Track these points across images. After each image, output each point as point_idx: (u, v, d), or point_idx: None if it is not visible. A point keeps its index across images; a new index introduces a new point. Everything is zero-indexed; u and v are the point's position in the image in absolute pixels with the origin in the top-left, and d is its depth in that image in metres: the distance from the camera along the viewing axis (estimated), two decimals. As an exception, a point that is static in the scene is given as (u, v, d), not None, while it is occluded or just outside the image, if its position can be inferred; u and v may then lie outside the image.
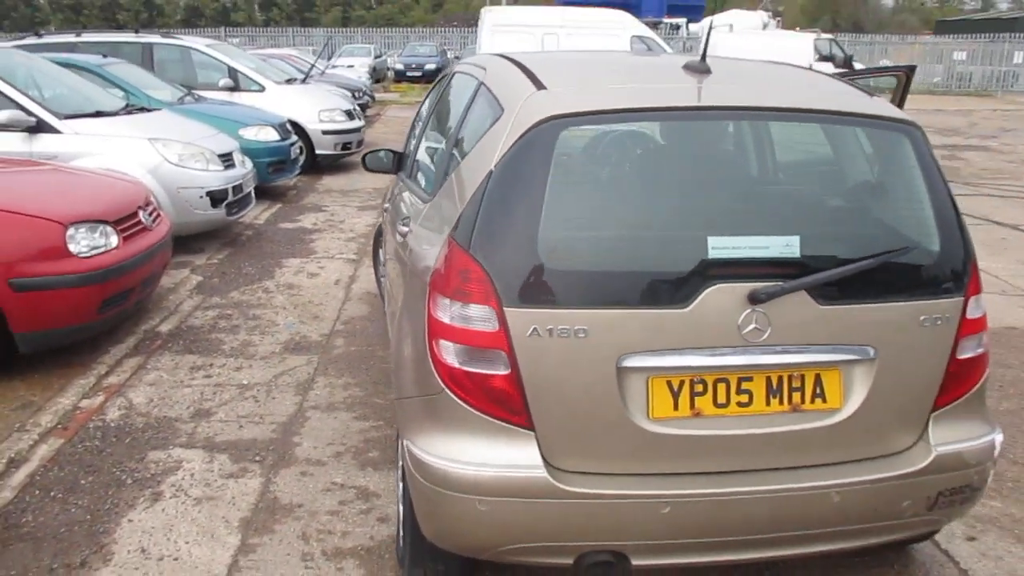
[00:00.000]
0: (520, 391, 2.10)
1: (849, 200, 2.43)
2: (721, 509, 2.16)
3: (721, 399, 2.16)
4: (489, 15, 19.47)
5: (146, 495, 3.15)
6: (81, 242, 4.07)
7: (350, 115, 10.88)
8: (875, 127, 2.33)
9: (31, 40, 10.22)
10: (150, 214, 4.82)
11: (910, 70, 4.12)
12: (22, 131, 5.77)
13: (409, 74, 29.60)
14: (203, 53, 10.40)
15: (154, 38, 10.55)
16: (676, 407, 2.14)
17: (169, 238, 4.96)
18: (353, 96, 14.04)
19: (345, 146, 10.72)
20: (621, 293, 2.09)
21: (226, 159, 6.69)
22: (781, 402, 2.18)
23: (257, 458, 3.44)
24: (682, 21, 34.34)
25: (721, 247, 2.11)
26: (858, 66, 26.39)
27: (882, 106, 2.37)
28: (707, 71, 2.41)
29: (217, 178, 6.41)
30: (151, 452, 3.47)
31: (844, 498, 2.20)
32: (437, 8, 49.55)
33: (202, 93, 9.63)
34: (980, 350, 2.33)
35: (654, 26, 34.60)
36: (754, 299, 2.08)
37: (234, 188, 6.56)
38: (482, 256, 2.09)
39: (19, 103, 5.81)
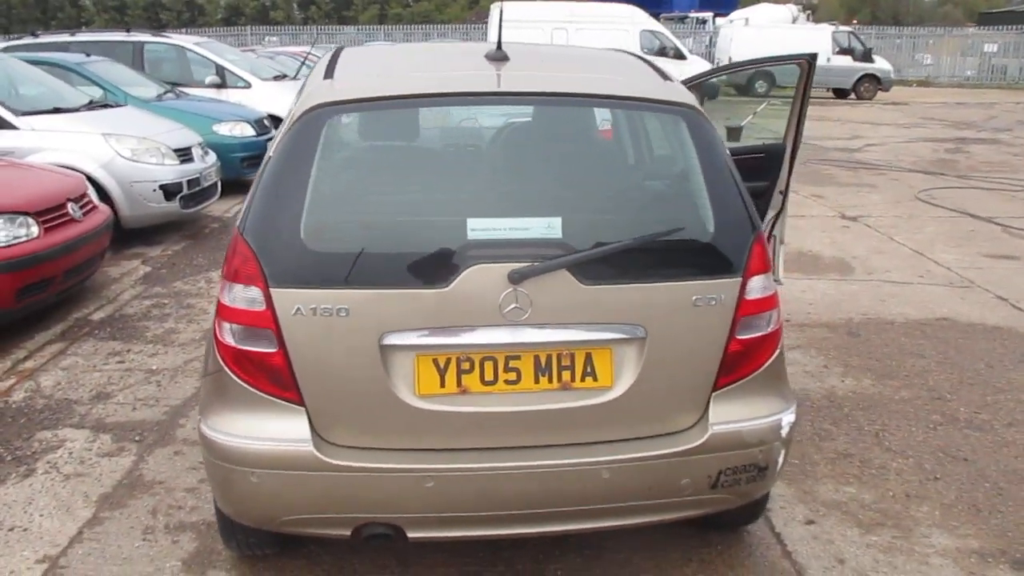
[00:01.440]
0: (289, 368, 2.17)
1: (624, 182, 2.47)
2: (490, 484, 2.22)
3: (488, 377, 2.21)
4: (499, 11, 19.54)
5: (20, 471, 3.29)
6: (-1, 232, 4.24)
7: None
8: (652, 110, 2.37)
9: (28, 40, 10.55)
10: (82, 207, 4.98)
11: (811, 58, 4.11)
12: (-23, 128, 6.00)
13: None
14: (192, 51, 10.63)
15: (145, 37, 10.81)
16: (443, 384, 2.20)
17: (103, 229, 5.12)
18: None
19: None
20: (382, 274, 2.16)
21: (184, 154, 6.85)
22: (551, 380, 2.23)
23: (137, 438, 3.56)
24: (708, 16, 34.13)
25: (480, 228, 2.16)
26: (879, 60, 26.07)
27: (663, 90, 2.40)
28: (504, 59, 2.46)
29: (171, 172, 6.58)
30: (40, 432, 3.62)
31: (615, 475, 2.24)
32: (474, 4, 49.73)
33: (190, 90, 9.85)
34: (766, 330, 2.35)
35: (680, 20, 34.47)
36: (512, 279, 2.12)
37: (189, 182, 6.72)
38: (251, 238, 2.17)
39: (-26, 101, 6.04)
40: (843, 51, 24.19)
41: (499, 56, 2.47)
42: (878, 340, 4.81)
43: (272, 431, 2.20)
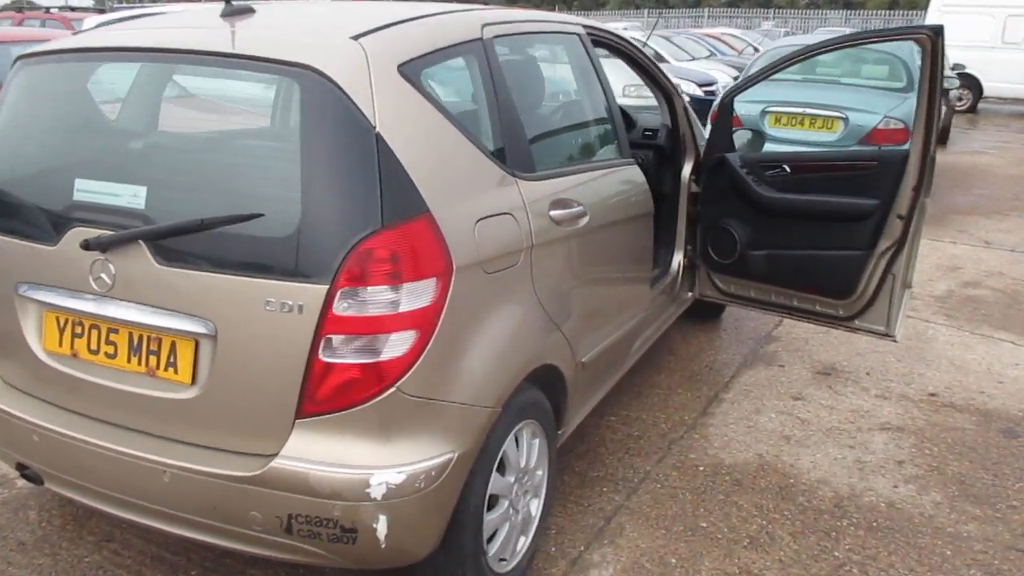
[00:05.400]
0: None
1: (234, 155, 2.07)
2: (79, 454, 2.13)
3: (94, 345, 2.12)
4: (939, -8, 16.98)
5: None
6: None
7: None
8: (271, 72, 1.96)
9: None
10: None
11: (935, 32, 3.04)
12: None
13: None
14: None
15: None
16: (60, 343, 2.17)
17: None
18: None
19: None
20: (16, 224, 2.19)
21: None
22: (140, 363, 2.06)
23: None
24: None
25: (85, 190, 2.07)
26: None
27: (302, 44, 1.96)
28: (243, 12, 2.24)
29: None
30: None
31: (175, 482, 2.00)
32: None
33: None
34: (369, 359, 1.85)
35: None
36: (85, 246, 2.00)
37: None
38: None
39: None
40: None
41: (236, 10, 2.25)
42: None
43: None
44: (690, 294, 4.04)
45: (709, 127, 3.98)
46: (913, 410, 3.59)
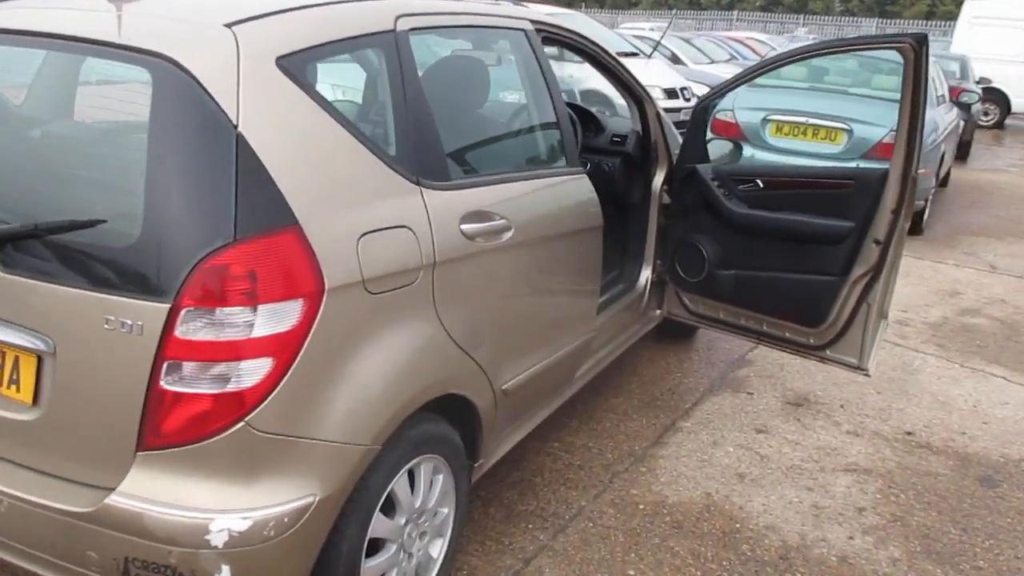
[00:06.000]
0: None
1: (80, 154, 1.87)
2: None
3: None
4: (970, 5, 16.54)
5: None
6: None
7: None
8: (126, 60, 1.75)
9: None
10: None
11: (918, 40, 2.79)
12: None
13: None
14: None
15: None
16: None
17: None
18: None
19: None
20: None
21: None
22: (-13, 376, 1.86)
23: None
24: None
25: None
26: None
27: (148, 34, 1.75)
28: None
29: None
30: None
31: (11, 512, 1.79)
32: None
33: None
34: (216, 389, 1.64)
35: None
36: None
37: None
38: None
39: None
40: None
41: None
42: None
43: None
44: (658, 312, 3.81)
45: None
46: (885, 450, 3.33)
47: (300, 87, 1.83)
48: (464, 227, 2.16)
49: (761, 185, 3.32)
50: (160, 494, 1.68)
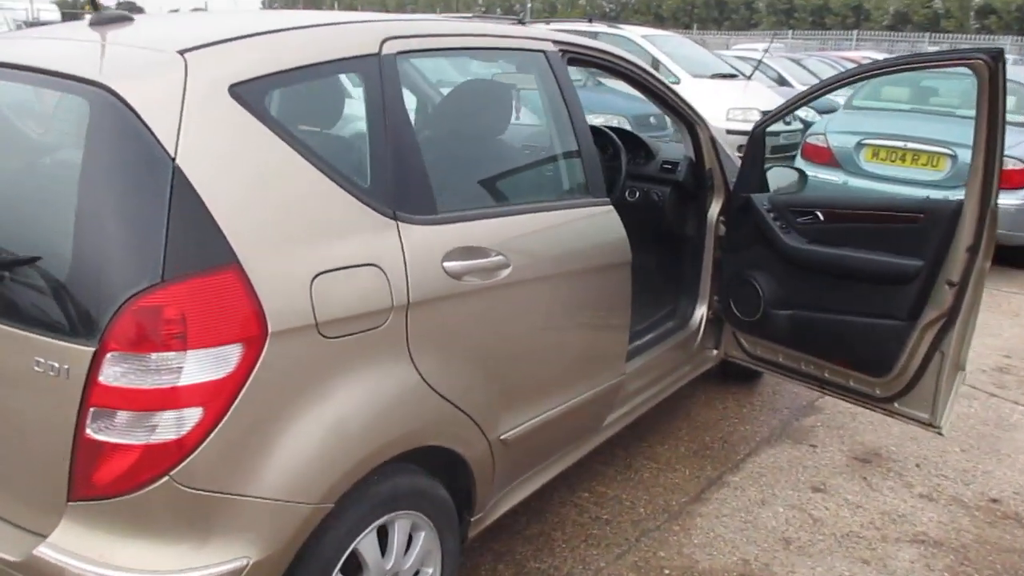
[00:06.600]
0: None
1: (24, 186, 1.79)
2: None
3: None
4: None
5: None
6: None
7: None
8: (68, 90, 1.67)
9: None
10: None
11: (993, 56, 2.51)
12: None
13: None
14: (635, 43, 10.77)
15: (600, 27, 11.25)
16: None
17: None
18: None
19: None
20: None
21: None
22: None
23: None
24: None
25: None
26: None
27: (90, 63, 1.67)
28: (118, 20, 1.98)
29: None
30: None
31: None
32: None
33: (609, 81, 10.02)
34: (145, 439, 1.53)
35: None
36: None
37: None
38: None
39: None
40: None
41: (105, 19, 1.99)
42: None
43: None
44: (715, 352, 3.53)
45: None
46: (963, 519, 2.92)
47: (256, 116, 1.71)
48: (448, 264, 1.99)
49: (821, 217, 3.02)
50: (87, 549, 1.58)
